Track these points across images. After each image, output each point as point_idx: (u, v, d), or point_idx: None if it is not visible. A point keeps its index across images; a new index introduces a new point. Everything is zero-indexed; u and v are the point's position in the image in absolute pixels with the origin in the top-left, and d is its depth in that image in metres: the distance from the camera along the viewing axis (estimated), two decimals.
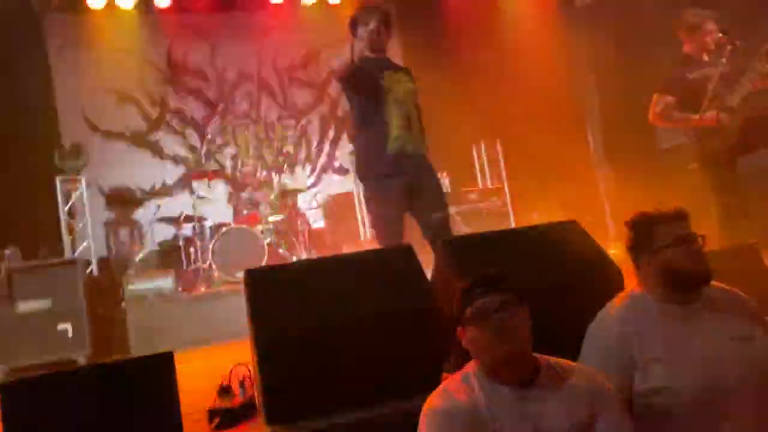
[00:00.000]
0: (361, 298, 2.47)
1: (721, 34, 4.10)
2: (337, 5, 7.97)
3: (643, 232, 2.05)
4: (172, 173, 7.88)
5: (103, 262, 6.77)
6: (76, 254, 6.46)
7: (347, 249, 7.04)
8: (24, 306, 5.15)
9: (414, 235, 3.60)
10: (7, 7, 6.88)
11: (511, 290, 1.86)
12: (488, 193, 7.55)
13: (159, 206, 7.07)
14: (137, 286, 5.86)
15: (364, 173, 3.64)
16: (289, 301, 2.45)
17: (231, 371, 2.84)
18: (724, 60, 4.00)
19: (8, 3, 6.90)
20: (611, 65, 7.41)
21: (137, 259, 6.73)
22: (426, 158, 3.66)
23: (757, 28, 4.04)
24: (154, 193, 7.62)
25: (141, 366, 2.31)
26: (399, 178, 3.49)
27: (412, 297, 2.52)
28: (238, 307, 5.58)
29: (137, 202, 7.60)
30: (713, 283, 2.05)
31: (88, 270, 6.30)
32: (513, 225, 6.96)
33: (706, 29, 4.08)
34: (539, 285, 2.59)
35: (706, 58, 4.14)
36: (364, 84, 3.49)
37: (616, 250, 4.17)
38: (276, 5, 7.74)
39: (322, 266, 2.81)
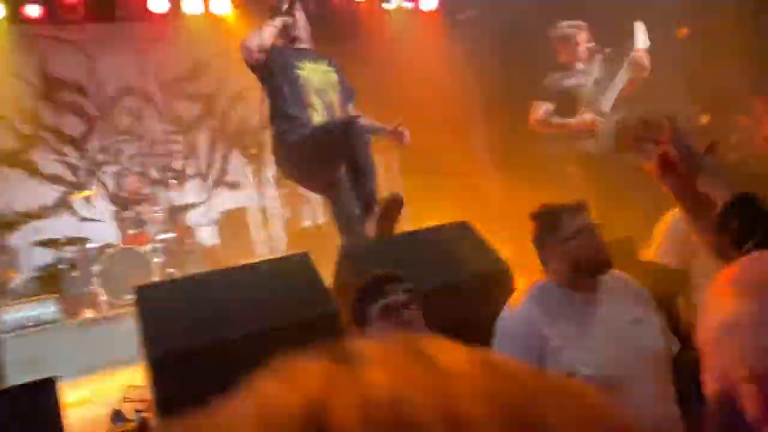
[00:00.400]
0: (258, 309, 2.42)
1: (591, 44, 4.40)
2: (224, 17, 7.80)
3: (548, 224, 2.16)
4: (49, 193, 7.38)
5: None
6: None
7: None
8: None
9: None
10: None
11: (411, 289, 1.93)
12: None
13: (36, 229, 6.60)
14: (13, 315, 5.44)
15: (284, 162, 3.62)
16: (183, 317, 2.36)
17: (124, 396, 2.69)
18: (595, 67, 4.29)
19: None
20: (495, 75, 7.75)
21: (13, 286, 6.24)
22: None
23: (623, 37, 4.35)
24: (30, 215, 7.11)
25: (19, 395, 2.13)
26: None
27: (312, 304, 2.50)
28: (129, 330, 5.35)
29: (11, 226, 7.05)
30: (618, 273, 2.22)
31: None
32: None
33: (578, 39, 4.36)
34: (434, 284, 2.65)
35: (579, 66, 4.43)
36: (279, 76, 3.43)
37: (505, 251, 4.34)
38: (159, 15, 7.45)
39: (216, 279, 2.73)
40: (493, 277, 2.87)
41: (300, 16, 3.69)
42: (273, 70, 3.46)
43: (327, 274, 2.81)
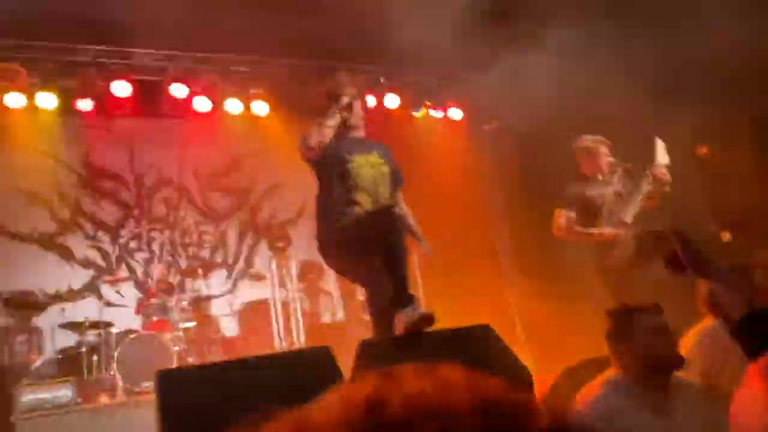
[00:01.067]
0: (279, 401, 2.44)
1: (612, 159, 4.56)
2: (264, 117, 8.22)
3: (623, 322, 2.26)
4: (79, 277, 7.57)
5: None
6: None
7: None
8: None
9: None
10: None
11: None
12: None
13: (63, 311, 6.71)
14: (31, 396, 5.44)
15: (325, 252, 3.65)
16: (203, 405, 2.39)
17: None
18: (616, 180, 4.43)
19: None
20: (517, 182, 7.95)
21: (34, 367, 6.28)
22: None
23: (644, 153, 4.51)
24: (58, 298, 7.25)
25: None
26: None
27: None
28: (143, 420, 5.32)
29: (39, 307, 7.18)
30: (680, 373, 2.29)
31: None
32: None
33: (600, 153, 4.54)
34: None
35: (600, 178, 4.57)
36: (331, 169, 3.47)
37: (523, 355, 4.32)
38: (200, 113, 7.89)
39: (237, 368, 2.77)
40: (513, 382, 2.86)
41: (357, 105, 3.71)
42: (326, 163, 3.55)
43: (345, 369, 2.83)
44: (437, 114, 8.82)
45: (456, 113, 8.85)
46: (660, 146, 4.39)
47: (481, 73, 6.93)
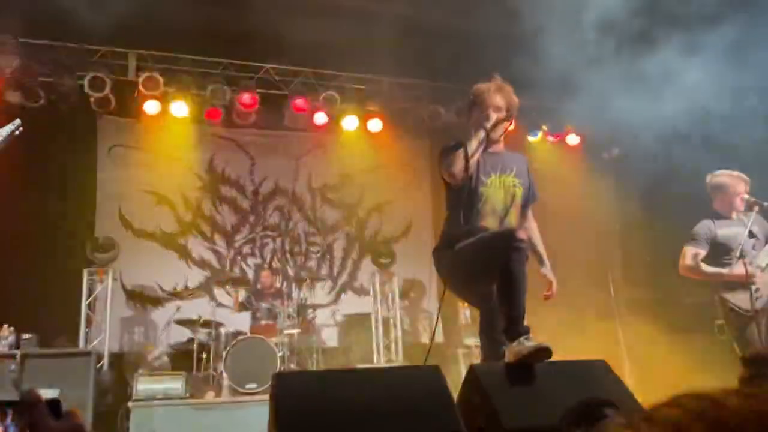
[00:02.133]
0: (388, 417, 2.43)
1: (748, 196, 4.26)
2: (376, 133, 8.37)
3: (757, 370, 2.12)
4: (195, 277, 7.98)
5: (115, 357, 6.70)
6: (90, 347, 6.42)
7: None
8: None
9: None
10: (67, 104, 7.36)
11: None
12: None
13: (179, 308, 7.09)
14: (146, 386, 5.77)
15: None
16: (317, 411, 2.42)
17: None
18: (752, 220, 4.13)
19: (69, 101, 7.40)
20: (635, 215, 7.60)
21: (149, 358, 6.66)
22: None
23: None
24: (175, 294, 7.67)
25: None
26: None
27: (439, 420, 2.48)
28: (245, 420, 5.49)
29: (157, 302, 7.64)
30: None
31: (100, 364, 6.24)
32: None
33: (735, 190, 4.25)
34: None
35: (734, 216, 4.28)
36: (465, 187, 3.28)
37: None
38: (318, 127, 8.16)
39: (350, 378, 2.80)
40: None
41: (505, 119, 3.43)
42: (458, 187, 3.33)
43: None
44: (553, 139, 8.63)
45: (573, 139, 8.62)
46: None
47: (601, 97, 6.71)
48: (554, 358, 3.18)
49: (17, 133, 4.16)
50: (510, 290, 3.01)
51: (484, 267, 3.12)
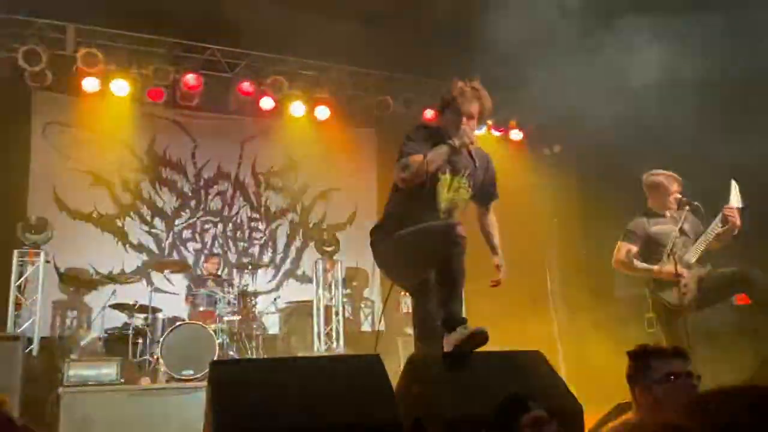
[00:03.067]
0: (326, 405, 2.43)
1: (680, 195, 4.43)
2: (324, 120, 8.31)
3: (640, 365, 2.16)
4: (132, 261, 7.77)
5: (45, 342, 6.47)
6: (19, 331, 6.18)
7: None
8: None
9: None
10: (0, 79, 7.03)
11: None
12: None
13: (114, 292, 6.89)
14: (78, 371, 5.60)
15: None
16: (254, 400, 2.40)
17: None
18: (683, 218, 4.30)
19: (3, 74, 7.06)
20: (573, 211, 7.82)
21: (82, 343, 6.46)
22: None
23: (716, 194, 4.38)
24: (110, 278, 7.44)
25: None
26: None
27: (379, 408, 2.50)
28: (180, 406, 5.40)
29: (92, 285, 7.39)
30: None
31: (28, 349, 6.01)
32: None
33: (669, 189, 4.41)
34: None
35: (667, 214, 4.44)
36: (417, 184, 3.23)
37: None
38: (265, 112, 8.03)
39: (288, 367, 2.78)
40: (563, 410, 2.79)
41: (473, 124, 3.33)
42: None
43: None
44: (498, 134, 8.77)
45: (517, 134, 8.78)
46: (735, 189, 4.23)
47: (546, 92, 6.85)
48: (491, 346, 3.24)
49: None
50: (448, 284, 3.06)
51: (423, 258, 3.16)
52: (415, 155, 3.21)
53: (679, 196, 4.39)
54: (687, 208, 4.37)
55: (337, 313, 7.87)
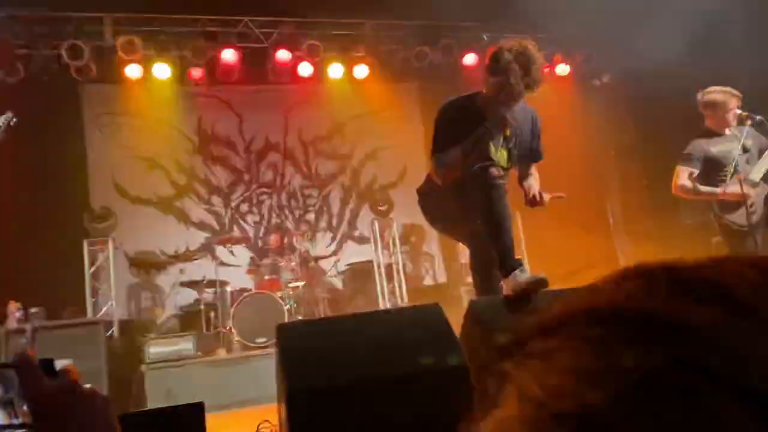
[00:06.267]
0: (392, 355, 2.47)
1: (740, 111, 4.21)
2: (363, 79, 8.25)
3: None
4: (196, 238, 8.00)
5: (124, 324, 6.78)
6: (98, 316, 6.49)
7: None
8: None
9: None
10: (47, 75, 7.24)
11: None
12: None
13: (182, 271, 7.13)
14: (157, 349, 5.86)
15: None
16: (320, 356, 2.46)
17: (258, 428, 2.82)
18: (744, 134, 4.10)
19: (48, 71, 7.27)
20: (630, 141, 7.57)
21: (158, 322, 6.75)
22: None
23: None
24: (177, 258, 7.71)
25: (174, 415, 2.31)
26: None
27: (444, 355, 2.52)
28: (257, 373, 5.60)
29: (161, 266, 7.68)
30: None
31: (109, 332, 6.32)
32: None
33: (727, 106, 4.20)
34: None
35: (727, 132, 4.24)
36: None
37: None
38: (304, 78, 8.03)
39: (352, 323, 2.83)
40: None
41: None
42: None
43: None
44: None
45: (563, 69, 8.50)
46: None
47: (590, 24, 6.58)
48: (557, 281, 3.19)
49: (12, 124, 4.19)
50: (495, 228, 3.02)
51: (465, 207, 3.12)
52: (449, 155, 3.12)
53: (739, 111, 4.18)
54: (749, 123, 4.16)
55: (397, 271, 7.93)
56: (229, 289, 6.81)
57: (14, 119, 4.35)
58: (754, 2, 4.91)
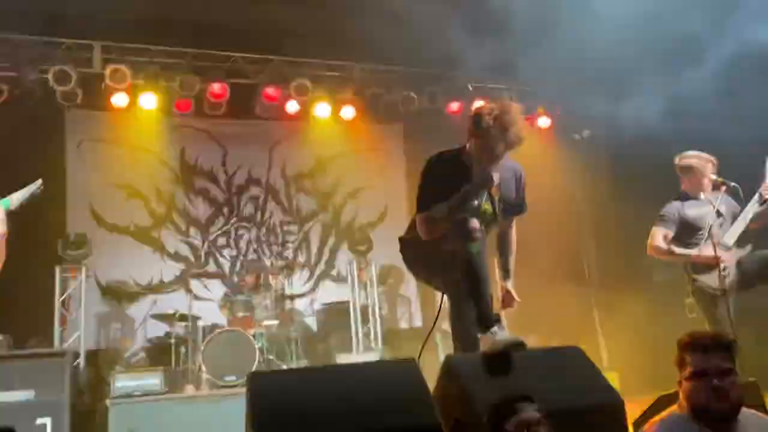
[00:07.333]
0: (365, 412, 2.44)
1: (715, 177, 4.32)
2: (350, 120, 8.32)
3: (680, 357, 2.11)
4: (170, 270, 7.91)
5: (91, 355, 6.63)
6: (65, 346, 6.34)
7: (340, 360, 6.96)
8: (3, 396, 5.00)
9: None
10: (32, 100, 7.19)
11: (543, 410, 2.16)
12: None
13: (155, 302, 7.03)
14: (124, 383, 5.73)
15: None
16: (292, 410, 2.42)
17: None
18: (719, 200, 4.20)
19: (34, 95, 7.22)
20: (608, 196, 7.69)
21: (126, 354, 6.61)
22: None
23: (753, 172, 4.27)
24: (150, 289, 7.60)
25: None
26: None
27: (417, 414, 2.50)
28: (225, 413, 5.49)
29: (133, 297, 7.56)
30: (753, 411, 2.10)
31: (76, 363, 6.17)
32: None
33: (703, 171, 4.31)
34: (543, 409, 2.60)
35: (702, 197, 4.34)
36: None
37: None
38: (290, 115, 8.08)
39: (325, 375, 2.80)
40: (605, 405, 2.77)
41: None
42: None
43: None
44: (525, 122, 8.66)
45: (544, 121, 8.67)
46: None
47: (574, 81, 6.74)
48: (532, 336, 3.21)
49: (39, 190, 4.26)
50: (473, 282, 3.03)
51: (445, 259, 3.14)
52: (437, 211, 3.14)
53: (714, 177, 4.29)
54: (723, 189, 4.27)
55: (373, 313, 7.89)
56: (201, 324, 6.71)
57: (41, 187, 4.45)
58: (735, 71, 5.09)
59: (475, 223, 3.06)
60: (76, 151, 7.73)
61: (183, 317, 6.69)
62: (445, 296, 3.50)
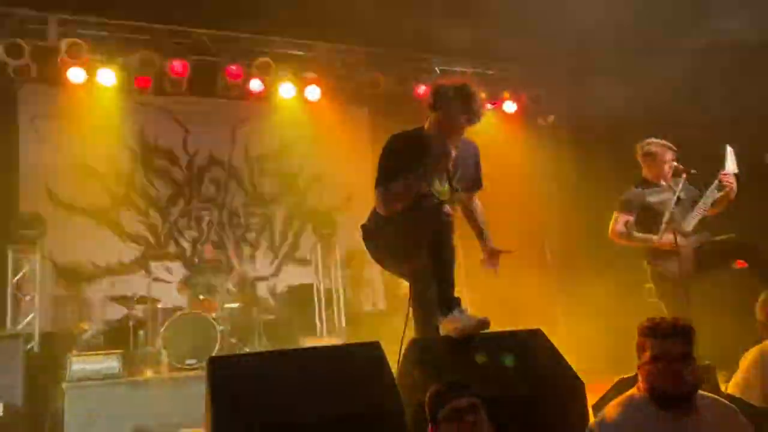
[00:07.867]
0: (327, 396, 2.42)
1: (676, 164, 4.38)
2: (315, 101, 8.20)
3: (640, 342, 2.16)
4: (129, 252, 7.72)
5: (46, 337, 6.45)
6: (19, 328, 6.16)
7: (303, 343, 6.92)
8: None
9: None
10: None
11: (476, 395, 2.17)
12: None
13: (113, 284, 6.87)
14: (80, 366, 5.58)
15: None
16: (253, 394, 2.38)
17: None
18: (680, 186, 4.26)
19: None
20: (571, 180, 7.77)
21: (83, 337, 6.45)
22: None
23: (711, 158, 4.34)
24: (108, 271, 7.41)
25: None
26: None
27: (379, 396, 2.48)
28: (185, 395, 5.41)
29: (90, 279, 7.37)
30: (710, 395, 2.16)
31: (30, 345, 6.00)
32: None
33: (664, 158, 4.36)
34: (504, 392, 2.61)
35: (663, 183, 4.40)
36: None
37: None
38: (254, 94, 7.90)
39: (287, 359, 2.76)
40: (565, 387, 2.80)
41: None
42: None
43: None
44: (490, 107, 8.67)
45: (510, 106, 8.69)
46: (730, 154, 4.20)
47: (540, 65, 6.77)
48: (494, 321, 3.21)
49: None
50: (442, 265, 3.04)
51: (413, 241, 3.12)
52: (393, 186, 3.14)
53: (675, 164, 4.35)
54: (683, 175, 4.32)
55: (338, 296, 7.86)
56: (161, 306, 6.58)
57: None
58: (700, 60, 5.16)
59: (448, 209, 3.09)
60: (30, 127, 7.46)
61: (142, 299, 6.56)
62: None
